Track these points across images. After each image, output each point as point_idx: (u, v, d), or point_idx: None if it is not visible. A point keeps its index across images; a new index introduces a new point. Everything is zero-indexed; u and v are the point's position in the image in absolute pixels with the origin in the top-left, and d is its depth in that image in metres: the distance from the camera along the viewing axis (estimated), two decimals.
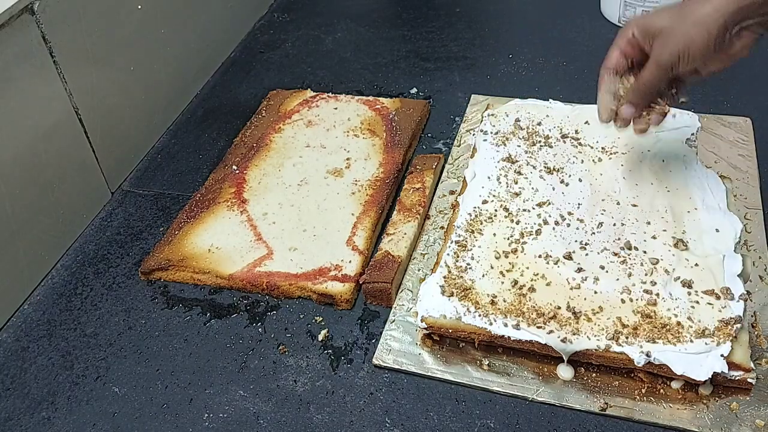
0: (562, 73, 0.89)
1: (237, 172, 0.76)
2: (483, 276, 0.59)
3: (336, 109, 0.84)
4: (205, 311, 0.64)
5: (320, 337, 0.60)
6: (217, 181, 0.76)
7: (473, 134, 0.78)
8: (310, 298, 0.63)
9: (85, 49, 0.72)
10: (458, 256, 0.61)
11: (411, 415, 0.54)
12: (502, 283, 0.58)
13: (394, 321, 0.61)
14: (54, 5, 0.67)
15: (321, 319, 0.62)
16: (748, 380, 0.52)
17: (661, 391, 0.54)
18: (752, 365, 0.52)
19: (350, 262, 0.65)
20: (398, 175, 0.74)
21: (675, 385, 0.54)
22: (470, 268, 0.60)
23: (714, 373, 0.51)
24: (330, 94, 0.87)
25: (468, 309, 0.56)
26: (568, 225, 0.63)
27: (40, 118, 0.67)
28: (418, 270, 0.65)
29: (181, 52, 0.89)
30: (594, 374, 0.55)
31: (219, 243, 0.68)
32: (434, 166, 0.73)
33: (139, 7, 0.80)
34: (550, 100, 0.78)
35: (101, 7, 0.73)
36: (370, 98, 0.86)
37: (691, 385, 0.53)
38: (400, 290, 0.63)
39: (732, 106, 0.80)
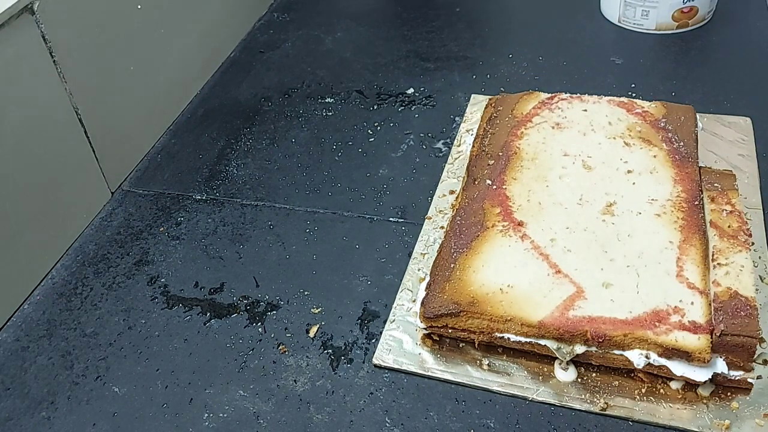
0: (563, 73, 0.89)
1: (494, 187, 0.65)
2: None
3: (585, 111, 0.73)
4: (205, 311, 0.64)
5: (311, 333, 0.60)
6: (473, 199, 0.64)
7: (472, 134, 0.78)
8: (651, 350, 0.52)
9: (85, 49, 0.72)
10: None
11: (411, 415, 0.54)
12: None
13: (393, 321, 0.61)
14: (54, 5, 0.66)
15: (321, 317, 0.62)
16: (749, 380, 0.52)
17: (661, 390, 0.53)
18: (752, 365, 0.51)
19: (692, 303, 0.53)
20: (702, 195, 0.62)
21: (675, 385, 0.53)
22: None
23: (714, 373, 0.51)
24: (571, 95, 0.75)
25: None
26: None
27: (40, 118, 0.67)
28: (418, 270, 0.65)
29: (181, 52, 0.89)
30: (594, 374, 0.55)
31: (510, 280, 0.56)
32: (735, 186, 0.63)
33: (139, 7, 0.80)
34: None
35: (101, 7, 0.73)
36: (624, 100, 0.74)
37: (691, 384, 0.53)
38: (399, 290, 0.63)
39: (732, 106, 0.80)
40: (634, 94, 0.83)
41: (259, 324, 0.62)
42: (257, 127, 0.86)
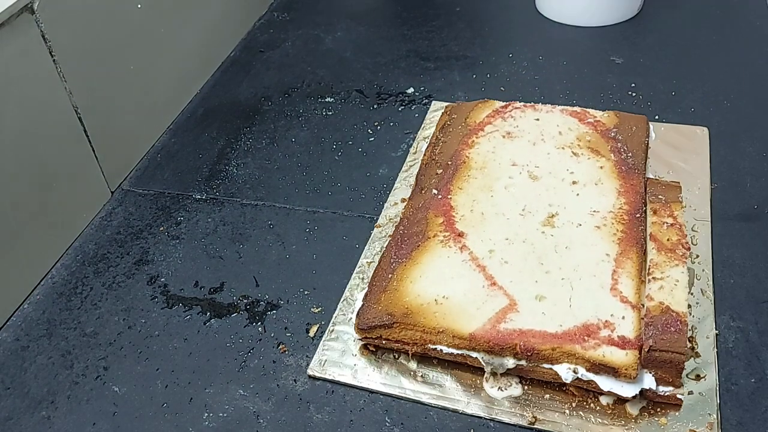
0: (563, 73, 0.89)
1: (439, 197, 0.65)
2: None
3: (537, 120, 0.73)
4: (205, 310, 0.64)
5: (311, 333, 0.60)
6: (418, 209, 0.64)
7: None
8: (579, 365, 0.52)
9: (85, 48, 0.72)
10: None
11: (411, 414, 0.54)
12: None
13: (332, 331, 0.60)
14: (54, 4, 0.66)
15: (320, 317, 0.62)
16: (678, 396, 0.51)
17: (592, 405, 0.52)
18: (682, 381, 0.51)
19: (623, 318, 0.52)
20: (644, 207, 0.62)
21: (605, 400, 0.52)
22: None
23: (643, 389, 0.50)
24: (525, 104, 0.76)
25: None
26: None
27: (40, 117, 0.67)
28: (361, 279, 0.64)
29: (181, 52, 0.89)
30: (526, 387, 0.54)
31: (445, 291, 0.56)
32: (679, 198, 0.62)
33: (139, 6, 0.80)
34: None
35: (101, 7, 0.73)
36: (578, 109, 0.74)
37: (621, 399, 0.52)
38: (341, 299, 0.62)
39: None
40: (633, 94, 0.83)
41: (259, 323, 0.62)
42: (257, 126, 0.86)
